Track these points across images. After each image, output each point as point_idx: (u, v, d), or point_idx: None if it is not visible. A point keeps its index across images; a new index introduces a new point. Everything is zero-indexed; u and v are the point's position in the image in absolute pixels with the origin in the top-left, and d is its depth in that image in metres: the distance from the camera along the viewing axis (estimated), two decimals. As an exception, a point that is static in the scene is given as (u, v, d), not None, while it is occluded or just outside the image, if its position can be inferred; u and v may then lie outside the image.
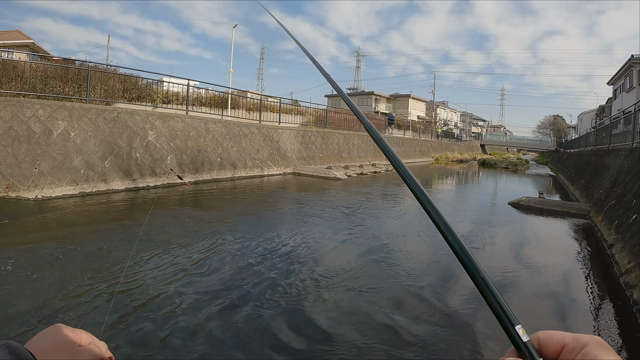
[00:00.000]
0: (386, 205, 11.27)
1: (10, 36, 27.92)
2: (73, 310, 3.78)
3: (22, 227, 6.72)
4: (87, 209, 8.40)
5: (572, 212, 10.96)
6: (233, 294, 4.39)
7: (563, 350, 0.45)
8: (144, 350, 3.23)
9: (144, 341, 3.35)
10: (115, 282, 4.47)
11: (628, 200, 7.61)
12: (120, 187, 10.66)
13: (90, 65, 12.64)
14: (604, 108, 40.05)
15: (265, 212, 9.30)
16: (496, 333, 3.74)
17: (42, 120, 9.75)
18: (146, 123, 12.19)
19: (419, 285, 5.03)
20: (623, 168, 9.57)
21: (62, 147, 9.93)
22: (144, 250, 5.65)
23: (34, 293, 4.12)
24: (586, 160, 18.33)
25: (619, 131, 14.17)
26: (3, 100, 9.33)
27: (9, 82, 10.83)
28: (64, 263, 5.02)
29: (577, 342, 0.44)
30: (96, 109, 11.05)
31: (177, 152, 12.84)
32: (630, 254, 5.75)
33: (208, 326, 3.64)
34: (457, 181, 21.87)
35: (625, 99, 28.33)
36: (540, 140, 67.15)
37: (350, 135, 24.63)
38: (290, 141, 18.83)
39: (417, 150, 36.40)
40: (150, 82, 15.72)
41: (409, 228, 8.57)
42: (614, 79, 34.10)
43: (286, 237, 6.92)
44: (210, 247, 6.05)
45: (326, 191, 12.97)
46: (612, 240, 7.02)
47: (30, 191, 8.94)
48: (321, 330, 3.73)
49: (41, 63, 12.96)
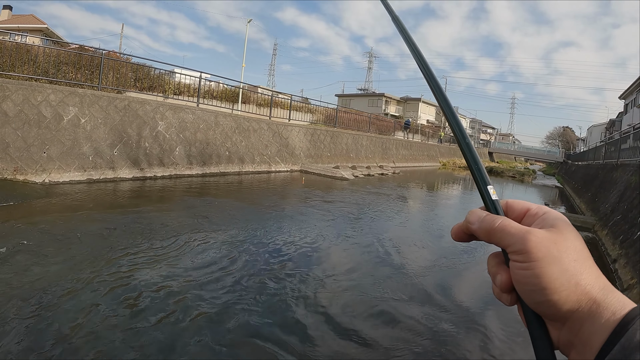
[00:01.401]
0: (394, 208, 11.19)
1: (25, 20, 28.10)
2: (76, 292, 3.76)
3: (29, 210, 6.72)
4: (94, 195, 8.39)
5: (577, 224, 10.83)
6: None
7: (526, 214, 0.49)
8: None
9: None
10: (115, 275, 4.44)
11: (634, 216, 7.53)
12: (128, 175, 10.65)
13: (103, 52, 12.66)
14: (615, 122, 39.77)
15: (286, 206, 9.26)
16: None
17: (53, 105, 9.75)
18: (156, 113, 12.18)
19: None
20: (631, 183, 9.48)
21: (72, 132, 9.92)
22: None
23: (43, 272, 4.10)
24: (594, 174, 18.18)
25: (628, 146, 14.04)
26: (15, 84, 9.33)
27: (22, 66, 10.85)
28: (71, 245, 5.00)
29: (539, 209, 0.49)
30: (107, 97, 11.04)
31: (185, 144, 12.82)
32: (633, 270, 5.69)
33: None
34: (464, 188, 21.74)
35: (637, 113, 28.13)
36: (549, 151, 66.72)
37: (359, 136, 24.56)
38: (299, 138, 18.79)
39: (424, 154, 36.26)
40: (162, 72, 15.73)
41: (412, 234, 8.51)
42: (625, 93, 33.84)
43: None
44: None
45: (332, 190, 12.91)
46: (616, 256, 6.94)
47: (38, 175, 8.93)
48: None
49: (55, 48, 12.99)
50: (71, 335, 3.15)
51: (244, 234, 6.62)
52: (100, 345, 3.08)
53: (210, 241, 5.97)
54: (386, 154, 27.77)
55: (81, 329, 3.24)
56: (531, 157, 73.80)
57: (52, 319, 3.34)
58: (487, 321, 4.26)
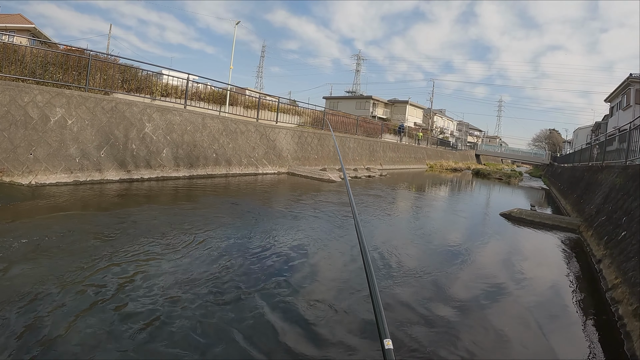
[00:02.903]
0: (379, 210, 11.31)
1: (13, 19, 27.77)
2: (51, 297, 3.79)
3: (15, 211, 6.71)
4: (81, 197, 8.38)
5: (563, 225, 11.06)
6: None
7: None
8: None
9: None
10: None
11: (618, 217, 7.70)
12: (115, 177, 10.64)
13: (90, 53, 12.61)
14: (600, 125, 40.40)
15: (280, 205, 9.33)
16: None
17: (40, 106, 9.72)
18: (144, 115, 12.17)
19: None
20: (615, 185, 9.67)
21: (59, 134, 9.89)
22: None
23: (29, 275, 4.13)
24: (579, 176, 18.48)
25: (613, 148, 14.31)
26: (2, 84, 9.27)
27: (8, 66, 10.78)
28: (54, 248, 5.02)
29: None
30: (95, 98, 11.01)
31: (173, 146, 12.83)
32: (617, 270, 5.82)
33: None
34: (451, 190, 21.96)
35: (622, 116, 28.63)
36: (535, 153, 67.47)
37: (346, 138, 24.70)
38: (286, 141, 18.85)
39: (412, 156, 36.51)
40: (150, 74, 15.69)
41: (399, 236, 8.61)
42: (611, 96, 34.42)
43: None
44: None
45: (318, 192, 13.00)
46: (601, 256, 7.10)
47: (24, 177, 8.90)
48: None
49: (42, 49, 12.91)
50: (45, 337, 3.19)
51: (234, 234, 6.69)
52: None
53: (199, 241, 6.03)
54: (373, 156, 27.93)
55: (54, 333, 3.28)
56: (518, 160, 74.59)
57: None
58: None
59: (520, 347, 3.96)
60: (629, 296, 4.79)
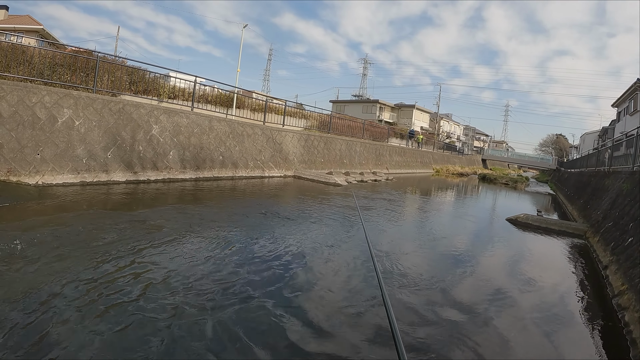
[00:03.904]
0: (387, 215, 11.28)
1: (21, 21, 28.06)
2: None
3: (22, 211, 6.76)
4: (87, 197, 8.43)
5: (569, 231, 10.98)
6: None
7: None
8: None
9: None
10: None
11: (625, 222, 7.63)
12: (121, 178, 10.69)
13: (98, 55, 12.71)
14: (607, 130, 40.11)
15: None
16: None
17: (47, 107, 9.79)
18: (151, 117, 12.24)
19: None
20: (622, 190, 9.59)
21: (66, 135, 9.97)
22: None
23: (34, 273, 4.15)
24: (586, 181, 18.35)
25: (620, 153, 14.19)
26: (10, 84, 9.37)
27: (17, 67, 10.88)
28: (59, 248, 5.05)
29: None
30: (102, 100, 11.10)
31: (179, 148, 12.88)
32: (624, 277, 5.77)
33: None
34: (457, 194, 21.88)
35: (629, 121, 28.39)
36: (542, 159, 67.19)
37: (353, 142, 24.69)
38: (293, 144, 18.88)
39: (418, 161, 36.45)
40: (157, 76, 15.78)
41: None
42: (618, 101, 34.16)
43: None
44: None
45: (324, 196, 13.00)
46: (607, 262, 7.04)
47: (31, 177, 8.97)
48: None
49: (50, 50, 13.02)
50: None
51: (238, 237, 6.70)
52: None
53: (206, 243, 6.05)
54: (380, 160, 27.91)
55: (50, 334, 3.30)
56: (524, 165, 74.31)
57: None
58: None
59: (526, 352, 3.93)
60: (635, 303, 4.74)
